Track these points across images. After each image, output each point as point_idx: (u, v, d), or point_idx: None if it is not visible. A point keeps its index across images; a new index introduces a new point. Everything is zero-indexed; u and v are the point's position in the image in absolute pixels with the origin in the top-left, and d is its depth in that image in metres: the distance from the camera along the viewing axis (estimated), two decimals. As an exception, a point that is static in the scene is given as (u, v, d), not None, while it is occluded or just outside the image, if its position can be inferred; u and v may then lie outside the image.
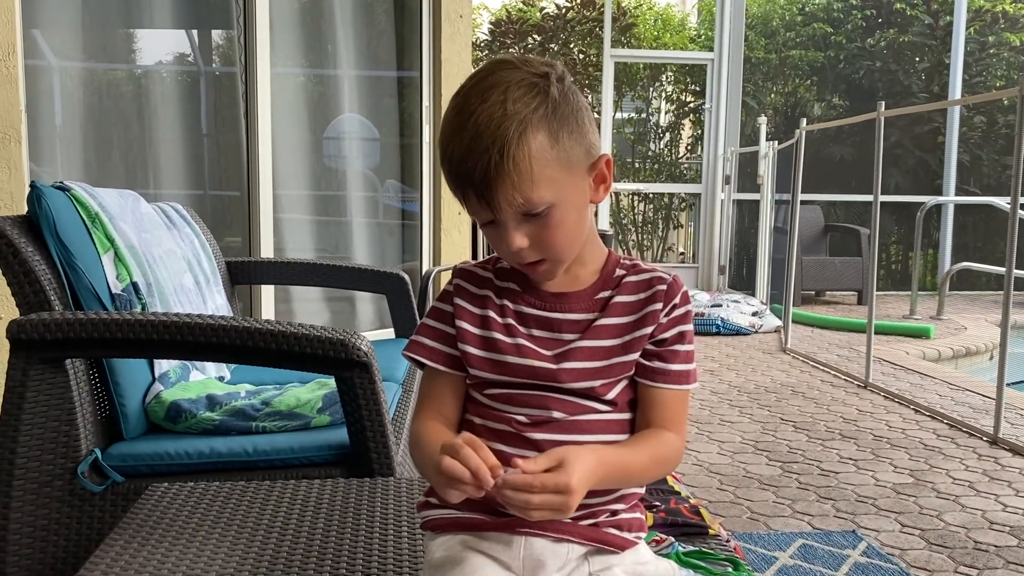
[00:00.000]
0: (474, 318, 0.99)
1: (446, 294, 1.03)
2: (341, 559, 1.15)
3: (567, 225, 0.93)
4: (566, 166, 0.92)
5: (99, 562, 1.12)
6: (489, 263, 1.04)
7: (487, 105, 0.89)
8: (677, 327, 0.98)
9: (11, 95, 2.90)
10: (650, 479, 0.99)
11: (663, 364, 0.98)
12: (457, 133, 0.89)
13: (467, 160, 0.88)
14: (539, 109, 0.89)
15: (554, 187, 0.90)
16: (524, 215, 0.91)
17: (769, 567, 2.09)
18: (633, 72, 9.34)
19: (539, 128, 0.89)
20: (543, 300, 0.99)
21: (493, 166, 0.87)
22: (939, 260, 8.42)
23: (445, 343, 1.00)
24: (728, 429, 3.38)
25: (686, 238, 9.85)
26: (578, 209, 0.95)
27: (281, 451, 1.65)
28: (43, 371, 1.52)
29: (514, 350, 0.97)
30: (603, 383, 0.96)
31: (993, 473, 2.88)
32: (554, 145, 0.90)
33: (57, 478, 1.56)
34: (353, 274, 2.73)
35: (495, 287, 1.01)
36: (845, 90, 9.48)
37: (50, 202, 1.68)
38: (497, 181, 0.88)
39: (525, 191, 0.89)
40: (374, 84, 4.73)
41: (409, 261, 4.86)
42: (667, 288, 0.98)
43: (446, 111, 0.93)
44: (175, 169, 3.74)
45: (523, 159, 0.88)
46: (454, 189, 0.93)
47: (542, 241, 0.93)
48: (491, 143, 0.87)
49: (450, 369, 1.00)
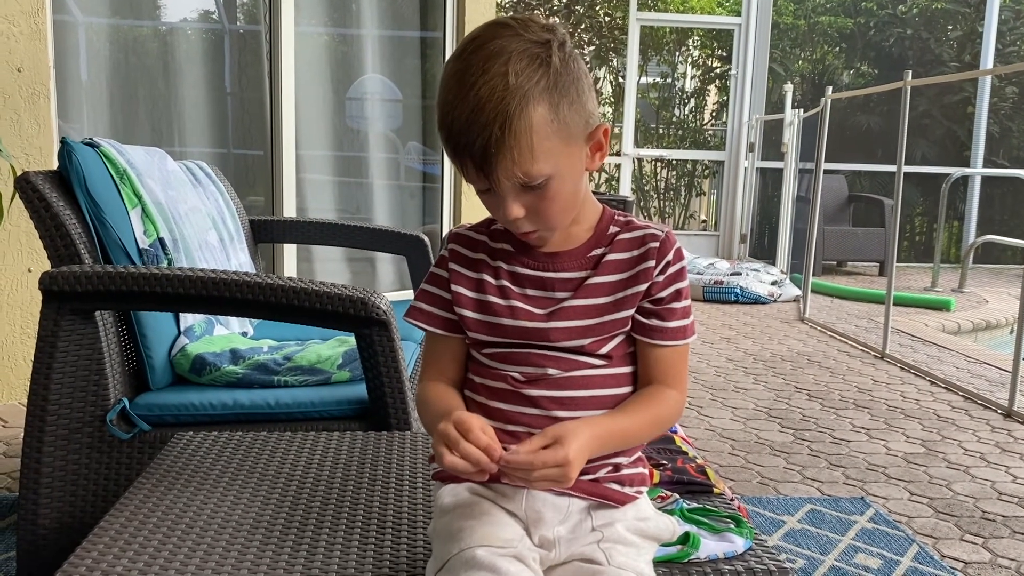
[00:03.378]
0: (469, 282, 1.01)
1: (442, 259, 1.04)
2: (359, 507, 1.19)
3: (564, 196, 0.94)
4: (565, 137, 0.91)
5: (127, 505, 1.18)
6: (483, 225, 1.05)
7: (488, 77, 0.87)
8: (673, 285, 0.99)
9: (40, 51, 2.94)
10: (650, 438, 1.02)
11: (661, 322, 0.99)
12: (457, 104, 0.88)
13: (467, 133, 0.88)
14: (541, 81, 0.88)
15: (553, 159, 0.91)
16: (522, 186, 0.91)
17: (777, 530, 2.13)
18: (659, 36, 9.24)
19: (540, 101, 0.88)
20: (536, 260, 1.00)
21: (494, 141, 0.87)
22: (964, 232, 8.34)
23: (442, 308, 1.03)
24: (742, 396, 3.41)
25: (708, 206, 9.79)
26: (575, 179, 0.95)
27: (302, 405, 1.69)
28: (74, 322, 1.57)
29: (507, 312, 0.99)
30: (594, 340, 0.98)
31: (1005, 445, 2.89)
32: (554, 117, 0.89)
33: (87, 425, 1.62)
34: (374, 235, 2.77)
35: (489, 249, 1.02)
36: (874, 58, 9.33)
37: (80, 158, 1.72)
38: (497, 156, 0.88)
39: (525, 165, 0.89)
40: (397, 44, 4.73)
41: (429, 223, 4.88)
42: (659, 245, 0.98)
43: (445, 75, 0.92)
44: (199, 127, 3.78)
45: (524, 133, 0.88)
46: (452, 157, 0.93)
47: (538, 211, 0.93)
48: (492, 117, 0.87)
49: (449, 332, 1.03)
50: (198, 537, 1.09)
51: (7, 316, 2.95)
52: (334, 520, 1.15)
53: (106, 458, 1.64)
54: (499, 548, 0.91)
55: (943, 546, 2.09)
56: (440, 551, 0.94)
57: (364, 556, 1.06)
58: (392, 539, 1.11)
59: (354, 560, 1.05)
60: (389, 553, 1.07)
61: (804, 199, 6.32)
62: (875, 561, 1.98)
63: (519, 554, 0.92)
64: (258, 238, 2.65)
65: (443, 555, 0.92)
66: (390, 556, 1.06)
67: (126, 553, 1.04)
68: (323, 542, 1.09)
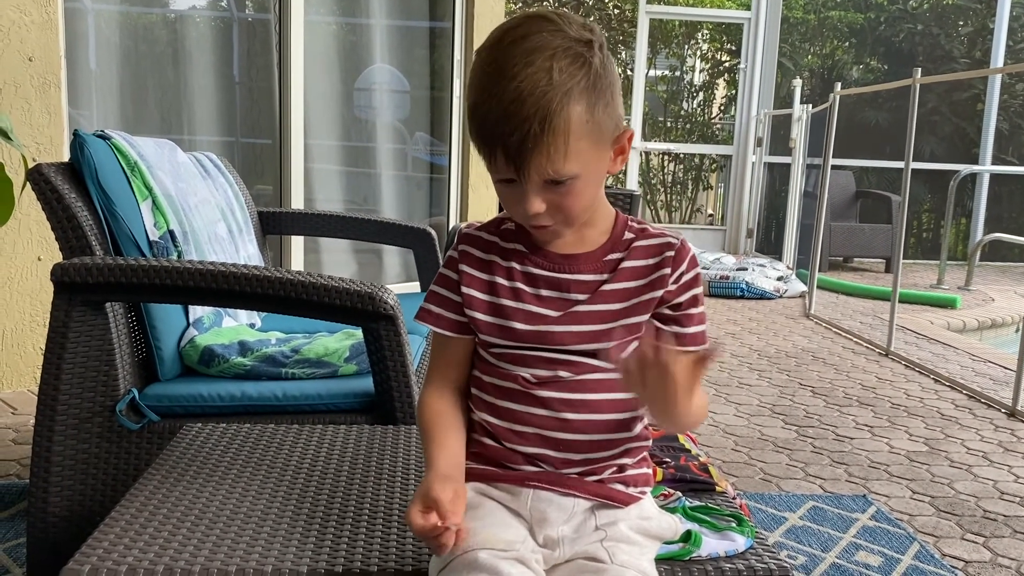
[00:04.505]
0: (481, 284, 1.01)
1: (451, 260, 1.04)
2: (365, 500, 1.21)
3: (586, 195, 0.95)
4: (596, 139, 0.92)
5: (137, 496, 1.19)
6: (494, 225, 1.04)
7: (532, 71, 0.87)
8: (690, 291, 1.00)
9: (51, 41, 2.95)
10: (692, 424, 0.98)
11: (680, 328, 1.00)
12: (495, 93, 0.88)
13: (504, 124, 0.88)
14: (582, 81, 0.88)
15: (583, 160, 0.91)
16: (548, 182, 0.92)
17: (778, 527, 2.15)
18: (668, 29, 9.22)
19: (579, 100, 0.88)
20: (551, 261, 1.00)
21: (532, 136, 0.87)
22: (971, 230, 8.32)
23: (451, 310, 1.03)
24: (746, 392, 3.42)
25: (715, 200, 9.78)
26: (598, 180, 0.96)
27: (309, 397, 1.71)
28: (84, 313, 1.58)
29: (521, 316, 0.99)
30: (610, 345, 0.98)
31: (1008, 444, 2.90)
32: (590, 118, 0.90)
33: (97, 415, 1.64)
34: (381, 228, 2.78)
35: (501, 249, 1.02)
36: (884, 53, 9.30)
37: (92, 150, 1.74)
38: (533, 151, 0.88)
39: (557, 163, 0.89)
40: (406, 34, 4.73)
41: (436, 215, 4.89)
42: (675, 254, 1.00)
43: (480, 63, 0.91)
44: (208, 115, 3.79)
45: (561, 132, 0.88)
46: (481, 147, 0.92)
47: (559, 208, 0.94)
48: (533, 112, 0.86)
49: (458, 334, 1.03)
50: (207, 528, 1.11)
51: (17, 304, 2.97)
52: (341, 512, 1.17)
53: (115, 448, 1.66)
54: (501, 551, 0.92)
55: (944, 545, 2.10)
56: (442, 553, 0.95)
57: (371, 548, 1.08)
58: (398, 532, 1.12)
59: (360, 552, 1.06)
60: (395, 545, 1.09)
61: (811, 194, 6.32)
62: (876, 559, 2.00)
63: (521, 556, 0.93)
64: (266, 229, 2.66)
65: (446, 554, 0.93)
66: (396, 548, 1.08)
67: (136, 544, 1.06)
68: (330, 534, 1.11)
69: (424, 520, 0.90)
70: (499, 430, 1.02)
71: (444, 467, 0.97)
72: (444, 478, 0.94)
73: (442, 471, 0.96)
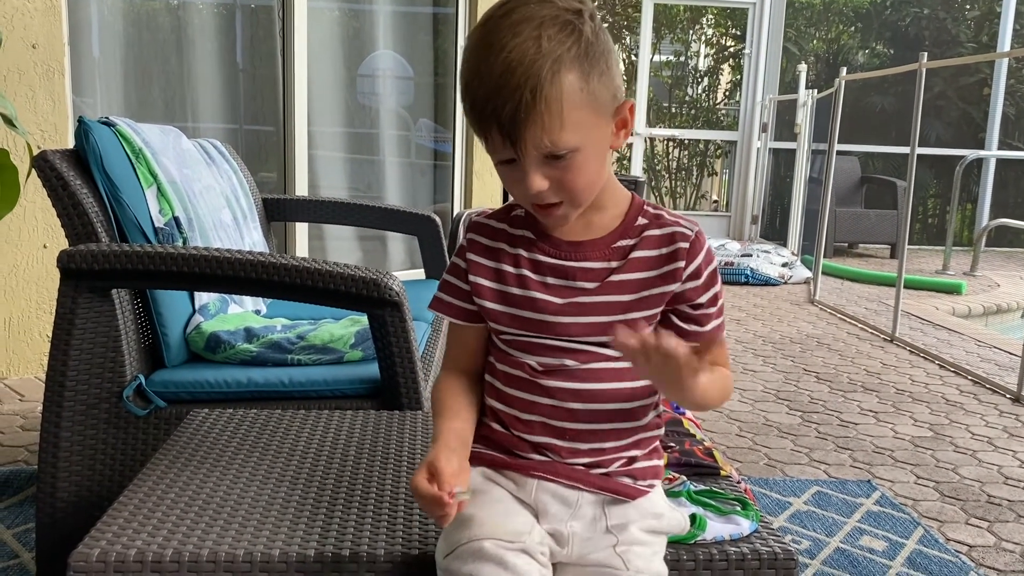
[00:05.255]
0: (488, 272, 1.00)
1: (461, 248, 1.03)
2: (371, 485, 1.22)
3: (588, 170, 0.92)
4: (594, 109, 0.89)
5: (144, 481, 1.20)
6: (503, 212, 1.03)
7: (519, 40, 0.85)
8: (711, 290, 0.98)
9: (55, 27, 2.95)
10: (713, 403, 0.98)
11: (698, 327, 0.98)
12: (485, 68, 0.86)
13: (495, 98, 0.85)
14: (572, 48, 0.86)
15: (581, 131, 0.88)
16: (547, 157, 0.89)
17: (783, 512, 2.15)
18: (673, 14, 9.17)
19: (572, 68, 0.86)
20: (558, 248, 0.98)
21: (524, 106, 0.84)
22: (977, 215, 8.29)
23: (461, 299, 1.03)
24: (751, 378, 3.42)
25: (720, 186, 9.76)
26: (600, 154, 0.93)
27: (315, 383, 1.72)
28: (91, 299, 1.59)
29: (526, 303, 0.98)
30: None
31: (1013, 430, 2.90)
32: (584, 87, 0.87)
33: (104, 401, 1.64)
34: (385, 215, 2.78)
35: (509, 236, 1.01)
36: (890, 38, 9.24)
37: (97, 137, 1.74)
38: (526, 122, 0.85)
39: (553, 133, 0.86)
40: (409, 20, 4.71)
41: (441, 202, 4.89)
42: (690, 246, 0.96)
43: (469, 41, 0.89)
44: (211, 102, 3.79)
45: (555, 100, 0.85)
46: (476, 126, 0.90)
47: (562, 184, 0.91)
48: (523, 81, 0.84)
49: (469, 322, 1.03)
50: (215, 513, 1.11)
51: (23, 291, 2.98)
52: (348, 497, 1.17)
53: (122, 434, 1.67)
54: (507, 542, 0.92)
55: (948, 529, 2.11)
56: (450, 535, 0.95)
57: (377, 533, 1.08)
58: (404, 516, 1.13)
59: (367, 536, 1.07)
60: (402, 530, 1.09)
61: (816, 180, 6.30)
62: (880, 543, 2.00)
63: (527, 547, 0.92)
64: (271, 216, 2.67)
65: (453, 541, 0.94)
66: (402, 534, 1.09)
67: (145, 528, 1.06)
68: (337, 519, 1.11)
69: (428, 486, 0.90)
70: (506, 417, 1.02)
71: (451, 441, 0.97)
72: (449, 450, 0.95)
73: (448, 444, 0.96)
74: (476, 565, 0.90)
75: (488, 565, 0.90)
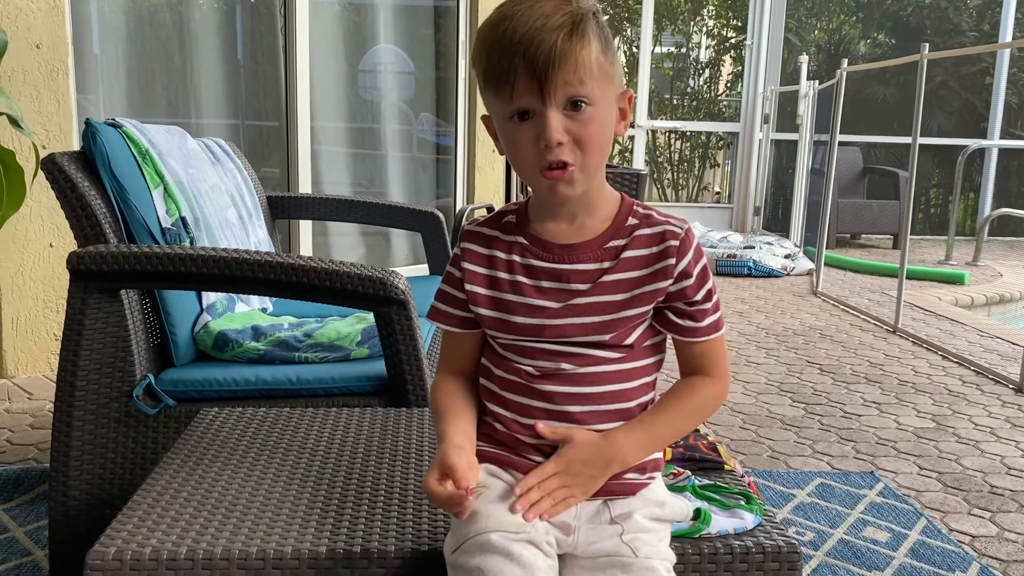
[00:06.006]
0: (483, 280, 1.03)
1: (455, 258, 1.06)
2: (380, 482, 1.23)
3: (602, 131, 0.95)
4: (608, 78, 0.94)
5: (157, 481, 1.22)
6: (494, 220, 1.06)
7: (552, 1, 0.91)
8: (704, 286, 1.00)
9: (58, 27, 2.96)
10: (690, 429, 1.05)
11: (694, 323, 1.00)
12: (518, 16, 0.90)
13: (536, 37, 0.89)
14: (592, 24, 0.92)
15: (598, 88, 0.93)
16: (568, 104, 0.92)
17: (786, 504, 2.17)
18: (674, 5, 9.15)
19: (594, 37, 0.92)
20: (551, 252, 1.01)
21: (560, 44, 0.89)
22: (979, 205, 8.28)
23: (457, 307, 1.05)
24: (754, 370, 3.44)
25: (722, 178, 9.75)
26: (610, 123, 0.96)
27: (323, 381, 1.73)
28: (100, 300, 1.61)
29: (522, 309, 1.00)
30: (613, 335, 0.99)
31: (1015, 420, 2.91)
32: (602, 56, 0.93)
33: (114, 400, 1.66)
34: (389, 211, 2.79)
35: (502, 243, 1.03)
36: (891, 27, 9.22)
37: (104, 139, 1.75)
38: (562, 59, 0.89)
39: (583, 75, 0.91)
40: (410, 14, 4.72)
41: (443, 196, 4.90)
42: (680, 243, 0.98)
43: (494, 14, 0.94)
44: (213, 98, 3.80)
45: (587, 45, 0.91)
46: (498, 72, 0.91)
47: (579, 139, 0.93)
48: (563, 21, 0.90)
49: (466, 330, 1.06)
50: (227, 512, 1.13)
51: (30, 290, 3.00)
52: (357, 495, 1.19)
53: (133, 432, 1.69)
54: (513, 533, 0.94)
55: (951, 520, 2.12)
56: (457, 531, 0.97)
57: (387, 530, 1.10)
58: (414, 513, 1.15)
59: (377, 534, 1.09)
60: (411, 527, 1.11)
61: (818, 171, 6.30)
62: (883, 534, 2.02)
63: (533, 539, 0.95)
64: (275, 214, 2.68)
65: (460, 535, 0.96)
66: (412, 530, 1.10)
67: (159, 527, 1.08)
68: (347, 516, 1.13)
69: (442, 487, 0.94)
70: (505, 420, 1.04)
71: (457, 439, 1.00)
72: (458, 447, 0.98)
73: (456, 442, 0.99)
74: (483, 558, 0.92)
75: (495, 557, 0.92)
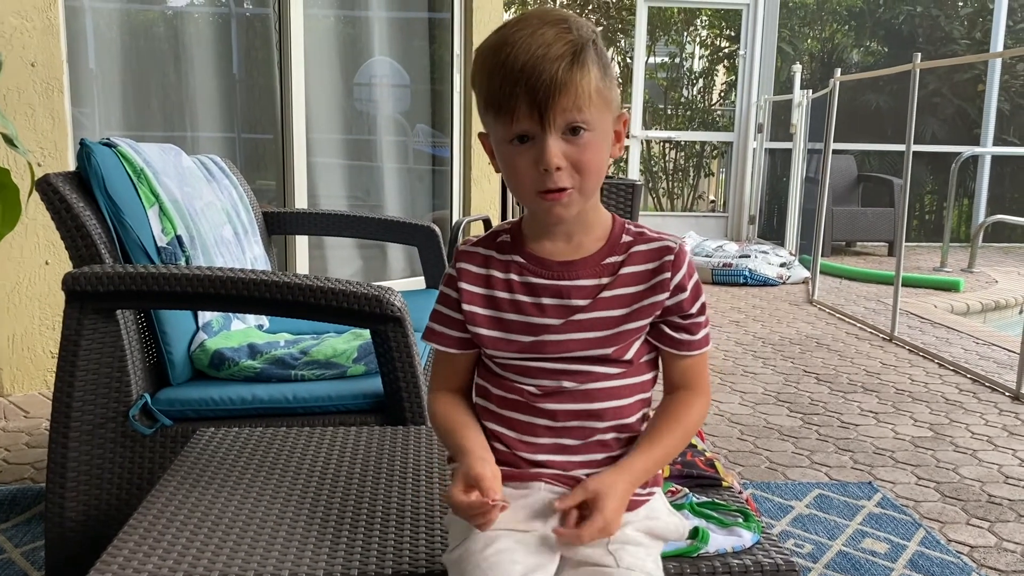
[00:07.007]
0: (482, 300, 1.03)
1: (450, 279, 1.05)
2: (378, 502, 1.23)
3: (599, 156, 0.96)
4: (606, 103, 0.96)
5: (154, 502, 1.22)
6: (489, 239, 1.06)
7: (553, 27, 0.93)
8: (698, 300, 1.02)
9: (53, 46, 2.96)
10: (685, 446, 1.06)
11: (689, 336, 1.02)
12: (519, 43, 0.92)
13: (538, 65, 0.91)
14: (592, 50, 0.94)
15: (596, 114, 0.94)
16: (567, 131, 0.93)
17: (785, 516, 2.17)
18: (667, 16, 9.20)
19: (594, 64, 0.94)
20: (550, 269, 1.01)
21: (561, 74, 0.91)
22: (974, 212, 8.31)
23: (453, 328, 1.05)
24: (751, 380, 3.44)
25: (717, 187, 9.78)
26: (606, 147, 0.98)
27: (319, 398, 1.73)
28: (96, 320, 1.60)
29: (523, 327, 1.00)
30: (614, 349, 1.00)
31: (1013, 428, 2.92)
32: (601, 81, 0.94)
33: (110, 420, 1.66)
34: (385, 226, 2.80)
35: (499, 262, 1.03)
36: (884, 36, 9.27)
37: (99, 159, 1.75)
38: (563, 88, 0.91)
39: (582, 103, 0.93)
40: (404, 26, 4.73)
41: (439, 208, 4.91)
42: (675, 258, 1.01)
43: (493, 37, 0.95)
44: (209, 112, 3.80)
45: (585, 76, 0.93)
46: (500, 99, 0.93)
47: (577, 164, 0.94)
48: (564, 52, 0.92)
49: (461, 350, 1.06)
50: (224, 533, 1.13)
51: (26, 308, 3.00)
52: (355, 515, 1.19)
53: (129, 452, 1.68)
54: (521, 531, 0.96)
55: (949, 530, 2.12)
56: (458, 538, 0.98)
57: (384, 550, 1.10)
58: (411, 533, 1.15)
59: (375, 554, 1.09)
60: (408, 546, 1.11)
61: (813, 180, 6.32)
62: (882, 546, 2.02)
63: (539, 535, 0.97)
64: (271, 230, 2.68)
65: (463, 534, 0.97)
66: (409, 549, 1.10)
67: (156, 550, 1.08)
68: (345, 537, 1.13)
69: (467, 497, 0.93)
70: (507, 439, 1.04)
71: (478, 450, 1.00)
72: (481, 459, 0.98)
73: (479, 454, 0.99)
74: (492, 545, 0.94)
75: (504, 539, 0.94)
